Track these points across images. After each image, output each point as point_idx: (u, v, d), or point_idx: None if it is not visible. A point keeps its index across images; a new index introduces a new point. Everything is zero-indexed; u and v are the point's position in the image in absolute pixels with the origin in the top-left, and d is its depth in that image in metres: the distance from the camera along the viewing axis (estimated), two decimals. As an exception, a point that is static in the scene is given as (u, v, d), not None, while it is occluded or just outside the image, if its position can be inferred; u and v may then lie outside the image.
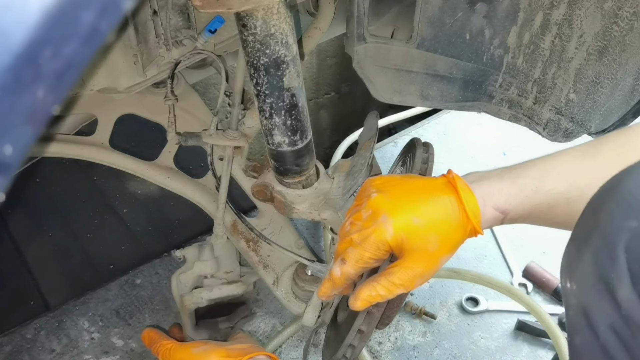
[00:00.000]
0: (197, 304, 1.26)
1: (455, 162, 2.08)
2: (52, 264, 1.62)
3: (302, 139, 0.82)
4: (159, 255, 1.70)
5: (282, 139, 0.80)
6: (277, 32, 0.70)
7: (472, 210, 0.71)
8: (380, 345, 1.50)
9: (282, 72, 0.73)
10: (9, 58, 0.28)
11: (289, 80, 0.74)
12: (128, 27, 0.90)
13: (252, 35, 0.70)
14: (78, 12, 0.30)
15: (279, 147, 0.82)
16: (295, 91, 0.76)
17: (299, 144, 0.82)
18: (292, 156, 0.84)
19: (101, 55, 0.92)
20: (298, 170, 0.87)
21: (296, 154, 0.83)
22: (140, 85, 1.05)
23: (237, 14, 0.69)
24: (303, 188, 0.92)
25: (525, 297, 1.49)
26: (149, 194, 1.72)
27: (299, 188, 0.92)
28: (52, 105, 0.32)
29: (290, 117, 0.78)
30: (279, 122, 0.78)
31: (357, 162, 0.94)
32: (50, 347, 1.46)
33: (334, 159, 1.92)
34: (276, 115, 0.77)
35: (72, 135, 1.25)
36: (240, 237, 1.29)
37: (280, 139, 0.80)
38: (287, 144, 0.81)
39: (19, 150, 0.31)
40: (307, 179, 0.90)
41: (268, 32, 0.69)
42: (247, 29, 0.70)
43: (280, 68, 0.73)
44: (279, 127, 0.79)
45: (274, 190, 0.93)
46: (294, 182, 0.90)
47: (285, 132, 0.79)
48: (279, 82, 0.74)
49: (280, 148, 0.82)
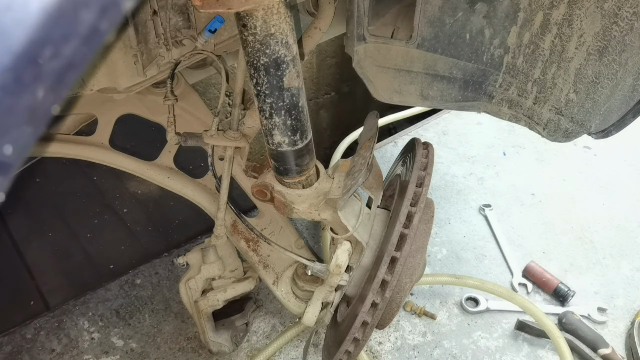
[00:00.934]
0: (213, 307, 1.27)
1: (455, 162, 2.08)
2: (52, 264, 1.62)
3: (302, 139, 0.82)
4: (159, 255, 1.70)
5: (282, 139, 0.80)
6: (277, 32, 0.70)
7: None
8: (380, 345, 1.50)
9: (282, 72, 0.73)
10: (9, 58, 0.28)
11: (289, 81, 0.74)
12: (128, 27, 0.90)
13: (252, 35, 0.70)
14: (78, 12, 0.30)
15: (279, 147, 0.82)
16: (295, 91, 0.76)
17: (299, 144, 0.82)
18: (293, 156, 0.83)
19: (101, 55, 0.92)
20: (298, 170, 0.87)
21: (296, 154, 0.83)
22: (140, 85, 1.04)
23: (237, 14, 0.69)
24: (303, 188, 0.92)
25: (528, 303, 1.49)
26: (149, 194, 1.72)
27: (299, 188, 0.91)
28: (52, 105, 0.32)
29: (290, 117, 0.78)
30: (279, 122, 0.78)
31: (357, 162, 0.94)
32: (50, 347, 1.46)
33: (334, 159, 1.92)
34: (276, 115, 0.77)
35: (72, 135, 1.25)
36: (240, 237, 1.29)
37: (280, 138, 0.80)
38: (287, 143, 0.81)
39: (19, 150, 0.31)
40: (307, 179, 0.90)
41: (268, 32, 0.69)
42: (247, 29, 0.69)
43: (280, 68, 0.73)
44: (279, 127, 0.79)
45: (273, 190, 0.93)
46: (294, 182, 0.90)
47: (285, 132, 0.79)
48: (279, 82, 0.74)
49: (280, 148, 0.82)
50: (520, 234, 1.79)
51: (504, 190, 1.96)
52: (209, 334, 1.29)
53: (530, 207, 1.90)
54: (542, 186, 1.97)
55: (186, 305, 1.28)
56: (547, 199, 1.93)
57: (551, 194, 1.95)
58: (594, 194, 1.94)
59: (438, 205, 1.89)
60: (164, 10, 0.95)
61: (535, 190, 1.96)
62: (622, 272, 1.68)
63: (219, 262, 1.26)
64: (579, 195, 1.94)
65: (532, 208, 1.89)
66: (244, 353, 1.46)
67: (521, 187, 1.97)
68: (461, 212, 1.87)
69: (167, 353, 1.47)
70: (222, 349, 1.34)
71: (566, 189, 1.96)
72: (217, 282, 1.28)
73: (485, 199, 1.92)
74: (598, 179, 1.99)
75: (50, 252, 1.63)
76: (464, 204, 1.91)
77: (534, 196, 1.94)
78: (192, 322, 1.47)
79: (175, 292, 1.57)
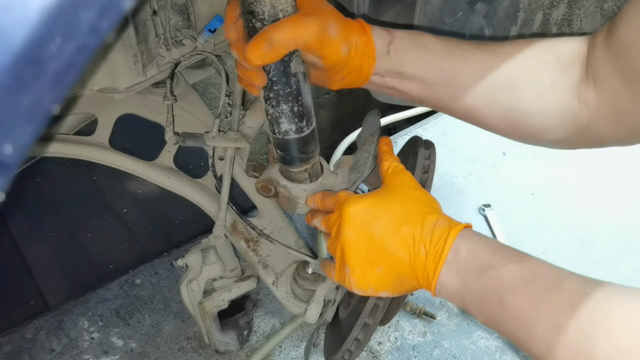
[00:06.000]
0: (219, 307, 1.27)
1: (455, 162, 2.08)
2: (52, 264, 1.62)
3: (307, 125, 0.82)
4: (158, 255, 1.70)
5: (289, 127, 0.80)
6: (284, 16, 0.70)
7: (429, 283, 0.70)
8: (380, 345, 1.50)
9: (289, 57, 0.73)
10: (9, 57, 0.28)
11: (296, 66, 0.75)
12: (128, 27, 0.90)
13: (260, 22, 0.70)
14: (78, 12, 0.30)
15: (286, 135, 0.82)
16: (301, 77, 0.77)
17: (306, 130, 0.82)
18: (299, 143, 0.84)
19: (101, 55, 0.92)
20: (305, 157, 0.87)
21: (303, 141, 0.84)
22: (140, 85, 1.05)
23: (242, 2, 0.69)
24: (309, 177, 0.91)
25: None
26: (149, 194, 1.72)
27: (305, 178, 0.91)
28: (52, 105, 0.32)
29: (297, 103, 0.78)
30: (286, 110, 0.78)
31: (360, 156, 0.94)
32: (50, 347, 1.46)
33: (334, 159, 1.92)
34: (283, 103, 0.77)
35: (72, 135, 1.25)
36: (240, 237, 1.29)
37: (287, 126, 0.80)
38: (294, 131, 0.81)
39: (19, 150, 0.31)
40: (313, 166, 0.90)
41: (276, 17, 0.69)
42: (254, 16, 0.69)
43: (287, 54, 0.73)
44: (287, 115, 0.79)
45: (278, 185, 0.93)
46: (300, 171, 0.90)
47: (292, 119, 0.79)
48: (287, 67, 0.74)
49: (287, 136, 0.82)
50: (520, 234, 1.79)
51: (504, 190, 1.96)
52: (215, 335, 1.30)
53: (530, 207, 1.90)
54: (542, 186, 1.97)
55: (188, 307, 1.28)
56: (547, 199, 1.93)
57: (551, 194, 1.94)
58: (594, 194, 1.94)
59: (438, 205, 1.89)
60: (163, 10, 0.95)
61: (535, 190, 1.96)
62: (622, 272, 1.68)
63: (220, 262, 1.26)
64: (579, 195, 1.94)
65: (532, 208, 1.89)
66: (244, 352, 1.47)
67: (521, 187, 1.97)
68: (461, 212, 1.87)
69: (167, 353, 1.47)
70: (229, 348, 1.35)
71: (566, 189, 1.96)
72: (218, 283, 1.28)
73: (485, 199, 1.92)
74: (598, 179, 1.99)
75: (50, 252, 1.62)
76: (464, 204, 1.91)
77: (534, 196, 1.94)
78: (192, 322, 1.47)
79: (175, 292, 1.57)
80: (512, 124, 0.80)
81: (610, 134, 0.73)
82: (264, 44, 0.68)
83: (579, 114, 0.73)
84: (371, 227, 0.73)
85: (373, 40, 0.77)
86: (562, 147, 0.84)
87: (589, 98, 0.72)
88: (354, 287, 0.75)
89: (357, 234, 0.73)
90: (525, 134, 0.81)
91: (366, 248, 0.73)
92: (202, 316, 1.28)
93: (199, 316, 1.29)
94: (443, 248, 0.68)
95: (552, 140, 0.79)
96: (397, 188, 0.78)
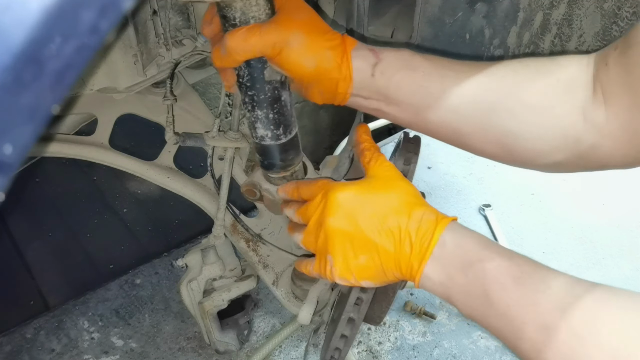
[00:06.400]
0: (219, 307, 1.27)
1: (455, 162, 2.08)
2: (52, 264, 1.62)
3: (285, 134, 0.81)
4: (158, 255, 1.70)
5: (264, 132, 0.80)
6: (256, 23, 0.70)
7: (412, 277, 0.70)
8: (380, 345, 1.50)
9: (262, 65, 0.73)
10: (8, 57, 0.28)
11: (270, 74, 0.74)
12: (128, 27, 0.90)
13: (232, 27, 0.70)
14: (78, 12, 0.30)
15: (262, 140, 0.81)
16: (277, 85, 0.76)
17: (283, 138, 0.81)
18: (276, 150, 0.83)
19: (101, 55, 0.92)
20: (282, 165, 0.87)
21: (280, 149, 0.83)
22: (140, 85, 1.04)
23: (217, 5, 0.69)
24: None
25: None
26: (149, 194, 1.72)
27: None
28: (52, 105, 0.32)
29: (272, 110, 0.77)
30: (261, 115, 0.78)
31: (342, 156, 0.94)
32: (50, 347, 1.47)
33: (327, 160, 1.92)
34: (258, 108, 0.77)
35: (72, 135, 1.25)
36: (240, 237, 1.29)
37: (263, 132, 0.80)
38: (270, 137, 0.81)
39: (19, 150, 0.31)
40: (293, 174, 0.90)
41: (247, 24, 0.69)
42: (227, 20, 0.69)
43: (260, 60, 0.73)
44: (262, 120, 0.79)
45: (261, 189, 0.93)
46: (279, 177, 0.89)
47: (267, 126, 0.79)
48: (260, 74, 0.74)
49: (263, 142, 0.82)
50: (520, 234, 1.79)
51: (504, 190, 1.96)
52: (215, 334, 1.30)
53: (530, 207, 1.90)
54: (542, 186, 1.97)
55: (188, 307, 1.29)
56: (547, 199, 1.93)
57: (551, 194, 1.95)
58: (594, 194, 1.94)
59: (438, 205, 1.88)
60: (163, 10, 0.95)
61: (535, 190, 1.96)
62: (622, 272, 1.68)
63: (220, 262, 1.26)
64: (579, 195, 1.94)
65: (532, 208, 1.89)
66: (244, 352, 1.47)
67: (521, 187, 1.97)
68: (461, 212, 1.87)
69: (166, 353, 1.47)
70: (229, 348, 1.35)
71: (566, 189, 1.96)
72: (218, 282, 1.28)
73: (485, 199, 1.92)
74: (598, 179, 1.99)
75: (50, 252, 1.62)
76: (464, 204, 1.91)
77: (534, 196, 1.94)
78: (192, 322, 1.47)
79: (175, 292, 1.57)
80: (507, 149, 0.77)
81: (617, 156, 0.70)
82: (220, 49, 0.69)
83: (583, 136, 0.70)
84: (357, 215, 0.71)
85: (350, 60, 0.74)
86: (558, 171, 0.81)
87: (597, 118, 0.68)
88: (335, 276, 0.73)
89: (343, 222, 0.72)
90: (521, 159, 0.78)
91: (351, 236, 0.71)
92: (202, 316, 1.28)
93: (198, 316, 1.29)
94: (430, 241, 0.68)
95: (548, 164, 0.76)
96: (382, 178, 0.76)
